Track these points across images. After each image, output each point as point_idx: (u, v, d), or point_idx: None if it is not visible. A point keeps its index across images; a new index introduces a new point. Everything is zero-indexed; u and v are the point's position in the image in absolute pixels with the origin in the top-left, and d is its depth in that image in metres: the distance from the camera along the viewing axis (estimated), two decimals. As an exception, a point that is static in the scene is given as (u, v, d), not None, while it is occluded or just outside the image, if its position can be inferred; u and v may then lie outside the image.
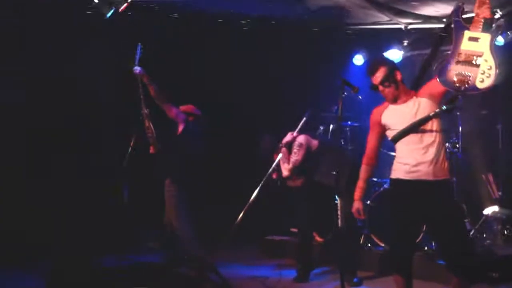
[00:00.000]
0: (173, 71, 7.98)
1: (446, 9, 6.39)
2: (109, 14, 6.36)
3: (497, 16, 5.78)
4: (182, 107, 6.63)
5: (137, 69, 6.37)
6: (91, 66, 7.55)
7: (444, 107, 4.09)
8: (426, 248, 6.45)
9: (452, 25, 4.08)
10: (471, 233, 6.59)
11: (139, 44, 6.52)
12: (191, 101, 6.80)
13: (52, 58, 7.49)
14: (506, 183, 6.97)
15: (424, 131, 4.25)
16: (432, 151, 4.24)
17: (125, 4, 6.28)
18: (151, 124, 6.49)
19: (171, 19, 7.46)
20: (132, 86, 6.43)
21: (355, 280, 6.19)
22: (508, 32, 6.62)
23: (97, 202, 7.50)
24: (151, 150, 6.56)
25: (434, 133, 4.25)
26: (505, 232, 6.70)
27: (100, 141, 7.92)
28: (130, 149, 6.71)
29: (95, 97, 7.85)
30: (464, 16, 4.05)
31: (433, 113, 4.19)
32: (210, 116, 7.16)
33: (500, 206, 6.72)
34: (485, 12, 3.93)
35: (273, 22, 7.57)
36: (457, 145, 6.96)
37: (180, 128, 6.48)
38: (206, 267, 6.29)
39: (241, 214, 6.09)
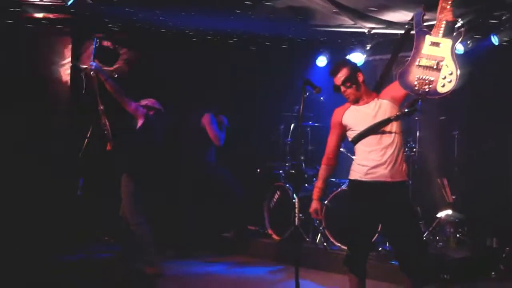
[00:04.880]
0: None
1: (409, 16, 6.43)
2: (70, 2, 6.19)
3: (458, 25, 5.84)
4: (143, 101, 6.52)
5: (92, 64, 6.16)
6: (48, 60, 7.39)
7: (405, 110, 4.10)
8: (380, 249, 6.50)
9: (413, 30, 4.11)
10: (425, 235, 6.67)
11: (96, 38, 6.33)
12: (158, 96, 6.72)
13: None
14: (460, 188, 7.07)
15: (383, 133, 4.25)
16: (390, 153, 4.25)
17: None
18: (106, 120, 6.33)
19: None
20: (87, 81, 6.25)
21: None
22: (468, 41, 6.72)
23: (50, 194, 7.32)
24: (108, 147, 6.41)
25: (393, 135, 4.26)
26: (457, 235, 6.80)
27: (55, 132, 7.74)
28: (86, 140, 6.57)
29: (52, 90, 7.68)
30: (425, 24, 4.08)
31: (394, 116, 4.20)
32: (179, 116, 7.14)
33: (454, 210, 6.81)
34: (447, 16, 3.96)
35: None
36: (414, 149, 7.05)
37: (140, 122, 6.34)
38: (160, 263, 6.23)
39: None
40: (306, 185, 7.53)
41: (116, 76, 6.27)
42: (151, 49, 8.03)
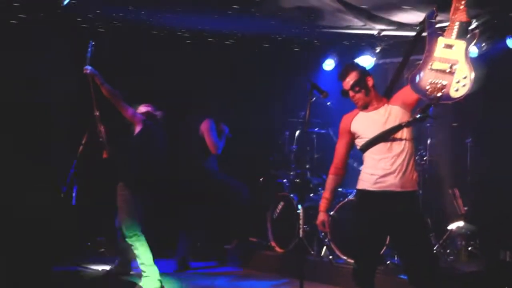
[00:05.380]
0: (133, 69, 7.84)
1: (421, 17, 6.40)
2: (66, 2, 6.17)
3: (472, 26, 5.84)
4: (141, 108, 6.49)
5: (88, 68, 6.12)
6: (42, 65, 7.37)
7: (417, 116, 4.07)
8: (388, 262, 6.45)
9: (425, 32, 4.09)
10: (435, 248, 6.63)
11: (91, 41, 6.28)
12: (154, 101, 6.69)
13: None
14: (472, 199, 7.02)
15: (393, 140, 4.22)
16: (400, 161, 4.21)
17: None
18: (102, 127, 6.29)
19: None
20: (83, 86, 6.21)
21: None
22: (482, 43, 6.69)
23: (44, 204, 7.29)
24: (104, 155, 6.37)
25: (403, 142, 4.23)
26: (469, 248, 6.76)
27: (48, 139, 7.72)
28: (81, 147, 6.53)
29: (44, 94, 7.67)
30: (438, 25, 4.05)
31: (405, 122, 4.18)
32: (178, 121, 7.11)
33: (465, 221, 6.77)
34: (461, 16, 3.94)
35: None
36: (425, 157, 7.01)
37: (137, 129, 6.31)
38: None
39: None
40: (311, 195, 7.50)
41: None
42: (149, 50, 8.02)
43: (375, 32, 7.31)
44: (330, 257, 6.85)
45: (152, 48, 7.98)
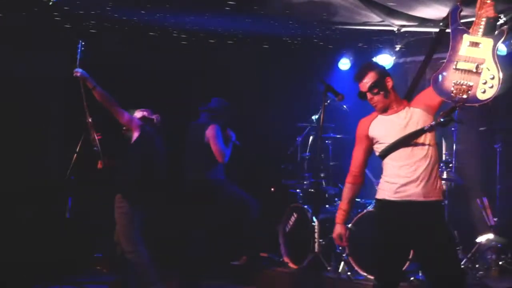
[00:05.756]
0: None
1: (444, 12, 6.41)
2: None
3: (500, 22, 5.83)
4: (138, 113, 6.48)
5: (78, 71, 6.06)
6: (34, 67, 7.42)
7: (440, 120, 4.06)
8: (412, 278, 6.43)
9: (449, 29, 4.08)
10: (463, 262, 6.61)
11: (80, 41, 6.21)
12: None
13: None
14: (503, 209, 7.00)
15: (415, 146, 4.21)
16: (423, 168, 4.20)
17: None
18: (96, 135, 6.25)
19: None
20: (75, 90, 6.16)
21: None
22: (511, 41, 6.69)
23: (35, 217, 7.31)
24: (99, 165, 6.35)
25: (426, 148, 4.22)
26: (500, 263, 6.73)
27: (41, 147, 7.76)
28: (75, 155, 6.54)
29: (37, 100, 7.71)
30: (462, 21, 4.05)
31: (428, 126, 4.16)
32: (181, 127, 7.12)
33: (495, 233, 6.75)
34: (488, 11, 3.93)
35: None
36: (451, 165, 7.00)
37: (135, 135, 6.29)
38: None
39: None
40: (327, 206, 7.49)
41: None
42: (149, 51, 8.04)
43: (394, 29, 7.31)
44: (349, 273, 6.83)
45: (150, 49, 8.01)
